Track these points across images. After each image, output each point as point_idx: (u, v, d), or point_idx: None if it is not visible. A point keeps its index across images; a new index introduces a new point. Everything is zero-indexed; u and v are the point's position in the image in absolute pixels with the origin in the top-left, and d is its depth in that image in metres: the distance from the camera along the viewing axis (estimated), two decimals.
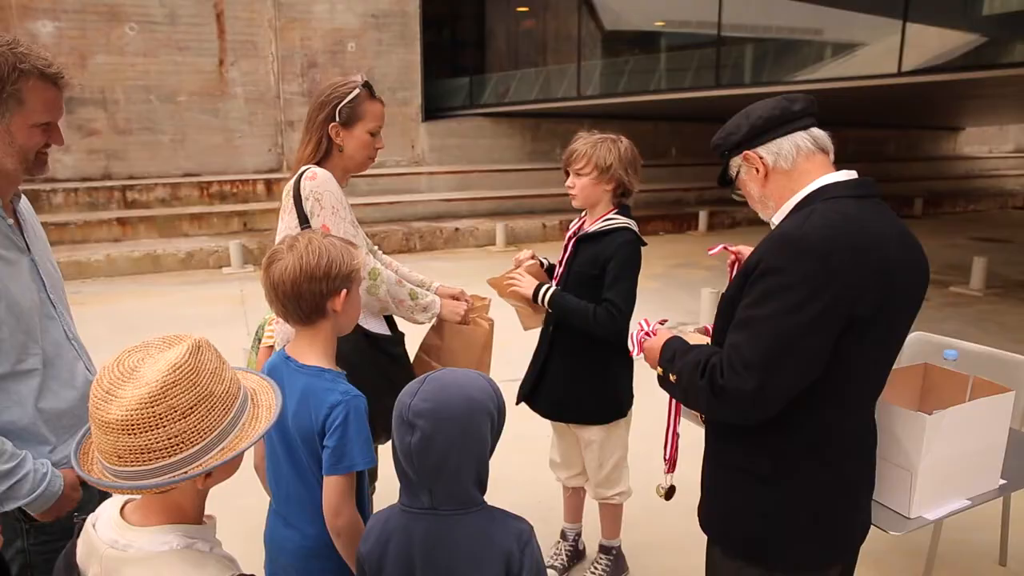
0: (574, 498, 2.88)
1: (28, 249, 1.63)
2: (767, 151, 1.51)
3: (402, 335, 2.38)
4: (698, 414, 1.72)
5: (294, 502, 1.62)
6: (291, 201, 2.16)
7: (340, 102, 2.17)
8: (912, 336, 3.09)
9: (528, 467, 2.89)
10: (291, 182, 2.19)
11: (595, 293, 2.38)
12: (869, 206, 1.46)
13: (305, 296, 1.52)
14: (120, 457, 1.04)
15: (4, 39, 1.46)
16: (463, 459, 1.32)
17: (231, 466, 1.17)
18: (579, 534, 2.94)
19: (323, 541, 1.55)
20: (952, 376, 2.13)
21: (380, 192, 11.57)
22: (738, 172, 1.58)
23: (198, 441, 1.06)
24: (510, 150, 13.60)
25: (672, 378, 1.55)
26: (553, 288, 2.45)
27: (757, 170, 1.53)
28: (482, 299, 2.51)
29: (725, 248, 2.06)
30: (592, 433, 2.57)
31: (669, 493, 2.13)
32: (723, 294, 1.58)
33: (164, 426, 1.03)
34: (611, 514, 2.77)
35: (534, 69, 13.68)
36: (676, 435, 2.02)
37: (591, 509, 2.97)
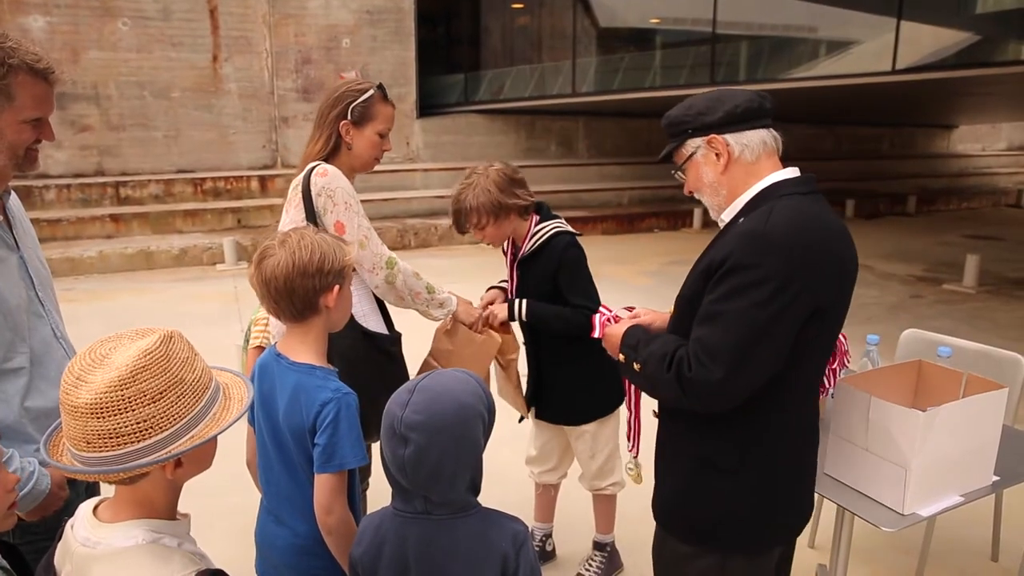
0: (545, 496, 2.89)
1: (17, 246, 1.61)
2: (736, 140, 1.50)
3: (399, 335, 2.37)
4: (653, 409, 1.75)
5: (285, 500, 1.61)
6: (299, 196, 2.17)
7: (353, 101, 2.20)
8: (906, 333, 3.09)
9: (520, 464, 2.89)
10: (300, 176, 2.20)
11: (557, 303, 2.41)
12: (816, 202, 1.49)
13: (298, 292, 1.51)
14: (89, 443, 1.04)
15: None
16: (458, 467, 1.30)
17: (203, 459, 1.17)
18: (548, 535, 2.93)
19: (314, 539, 1.54)
20: (946, 373, 2.13)
21: (375, 189, 11.53)
22: (694, 153, 1.55)
23: (167, 427, 1.07)
24: (505, 147, 13.57)
25: (636, 367, 1.56)
26: (524, 300, 2.44)
27: (718, 155, 1.52)
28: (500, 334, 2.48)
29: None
30: (584, 426, 2.58)
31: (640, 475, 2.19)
32: (680, 294, 1.58)
33: (133, 410, 1.04)
34: (605, 507, 2.77)
35: (529, 66, 13.64)
36: (639, 418, 2.06)
37: (569, 510, 2.96)
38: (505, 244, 2.59)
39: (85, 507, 1.18)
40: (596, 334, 1.78)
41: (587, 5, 12.37)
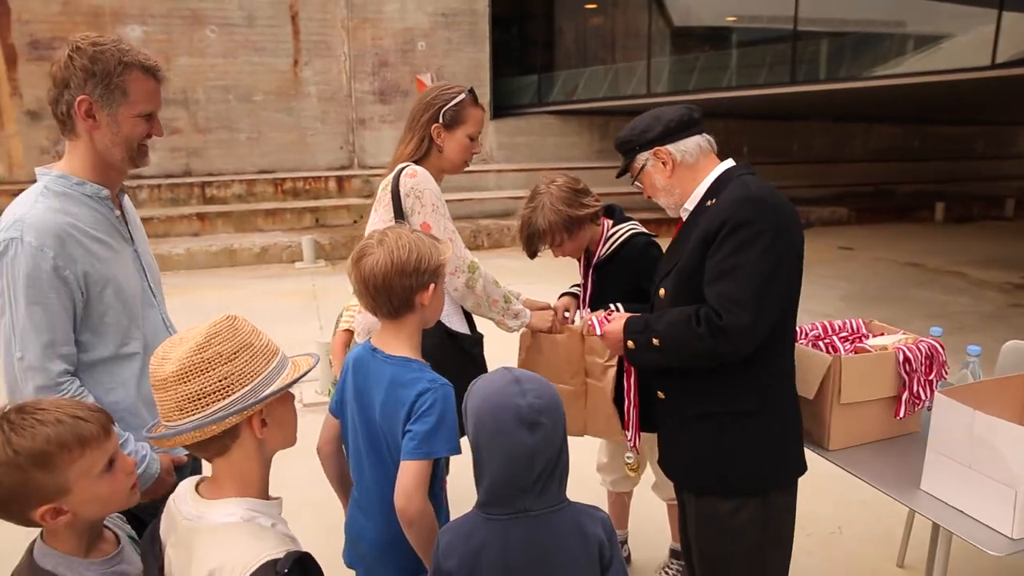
0: (619, 503, 2.85)
1: (132, 240, 1.73)
2: (676, 148, 1.80)
3: (481, 336, 2.38)
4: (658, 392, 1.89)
5: (374, 494, 1.62)
6: (388, 195, 2.22)
7: (445, 105, 2.26)
8: (1008, 345, 2.90)
9: (579, 466, 2.86)
10: (390, 177, 2.25)
11: (639, 306, 2.31)
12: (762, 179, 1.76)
13: (396, 290, 1.54)
14: (181, 409, 1.16)
15: (108, 38, 1.58)
16: (563, 450, 1.35)
17: (286, 424, 1.28)
18: (624, 541, 2.90)
19: (401, 534, 1.55)
20: None
21: (449, 190, 11.43)
22: (644, 165, 1.84)
23: (246, 382, 1.18)
24: (578, 148, 13.52)
25: (655, 341, 1.72)
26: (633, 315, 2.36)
27: (664, 163, 1.81)
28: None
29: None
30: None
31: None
32: (673, 270, 1.78)
33: (213, 369, 1.16)
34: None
35: (603, 67, 13.54)
36: (637, 406, 2.21)
37: (643, 517, 2.91)
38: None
39: (187, 484, 1.28)
40: (596, 332, 1.94)
41: (661, 4, 12.18)
